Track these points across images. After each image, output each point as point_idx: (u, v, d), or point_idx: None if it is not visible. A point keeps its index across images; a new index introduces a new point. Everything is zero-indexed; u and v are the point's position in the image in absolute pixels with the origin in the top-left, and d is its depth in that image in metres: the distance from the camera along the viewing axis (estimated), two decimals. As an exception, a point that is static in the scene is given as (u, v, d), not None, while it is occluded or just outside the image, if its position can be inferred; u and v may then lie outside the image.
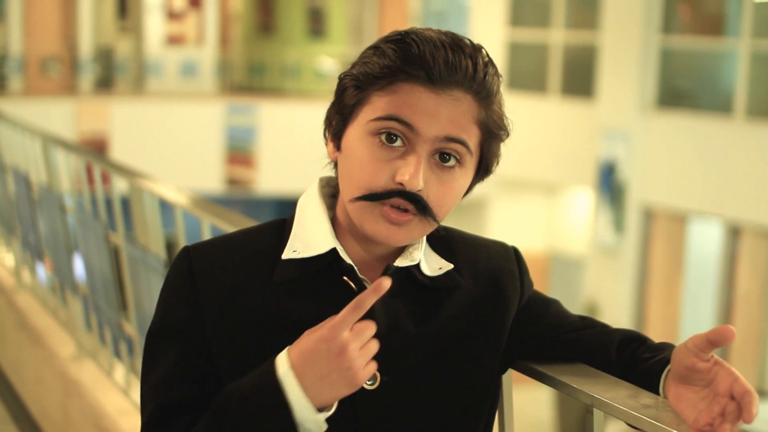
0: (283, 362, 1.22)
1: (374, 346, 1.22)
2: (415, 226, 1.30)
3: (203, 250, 1.35)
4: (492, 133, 1.32)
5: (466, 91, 1.28)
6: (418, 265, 1.36)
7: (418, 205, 1.28)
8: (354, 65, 1.32)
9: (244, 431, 1.21)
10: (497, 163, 1.36)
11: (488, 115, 1.31)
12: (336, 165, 1.36)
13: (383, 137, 1.27)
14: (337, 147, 1.34)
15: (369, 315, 1.31)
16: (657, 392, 1.31)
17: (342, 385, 1.20)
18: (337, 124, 1.33)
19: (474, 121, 1.29)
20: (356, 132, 1.30)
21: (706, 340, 1.21)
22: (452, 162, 1.29)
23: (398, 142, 1.27)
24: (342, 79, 1.33)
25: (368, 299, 1.20)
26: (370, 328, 1.22)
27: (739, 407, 1.20)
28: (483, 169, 1.35)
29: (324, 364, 1.20)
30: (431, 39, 1.27)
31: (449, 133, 1.27)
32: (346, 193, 1.31)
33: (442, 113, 1.27)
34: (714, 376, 1.23)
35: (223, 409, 1.24)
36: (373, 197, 1.28)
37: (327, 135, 1.36)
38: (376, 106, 1.28)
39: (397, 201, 1.27)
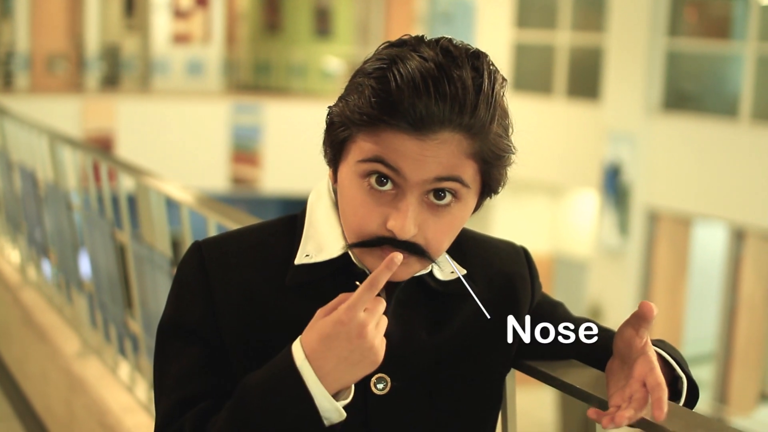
0: (299, 353, 1.19)
1: (385, 321, 1.20)
2: (414, 263, 1.27)
3: (215, 247, 1.34)
4: (490, 162, 1.25)
5: (453, 131, 1.20)
6: (430, 272, 1.34)
7: (411, 249, 1.24)
8: (341, 98, 1.27)
9: (266, 425, 1.19)
10: (503, 184, 1.30)
11: (484, 145, 1.23)
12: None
13: (373, 180, 1.23)
14: (335, 178, 1.31)
15: None
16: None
17: (364, 366, 1.18)
18: (330, 155, 1.30)
19: (467, 156, 1.22)
20: (347, 171, 1.26)
21: (635, 314, 1.24)
22: (448, 199, 1.24)
23: (388, 185, 1.23)
24: (329, 113, 1.28)
25: (382, 276, 1.17)
26: (382, 303, 1.19)
27: (646, 398, 1.21)
28: (488, 192, 1.30)
29: (344, 347, 1.17)
30: (413, 78, 1.18)
31: (439, 175, 1.21)
32: (345, 231, 1.29)
33: (428, 157, 1.20)
34: (637, 356, 1.24)
35: (243, 404, 1.21)
36: (365, 245, 1.25)
37: (326, 160, 1.33)
38: (362, 147, 1.23)
39: (389, 249, 1.23)
